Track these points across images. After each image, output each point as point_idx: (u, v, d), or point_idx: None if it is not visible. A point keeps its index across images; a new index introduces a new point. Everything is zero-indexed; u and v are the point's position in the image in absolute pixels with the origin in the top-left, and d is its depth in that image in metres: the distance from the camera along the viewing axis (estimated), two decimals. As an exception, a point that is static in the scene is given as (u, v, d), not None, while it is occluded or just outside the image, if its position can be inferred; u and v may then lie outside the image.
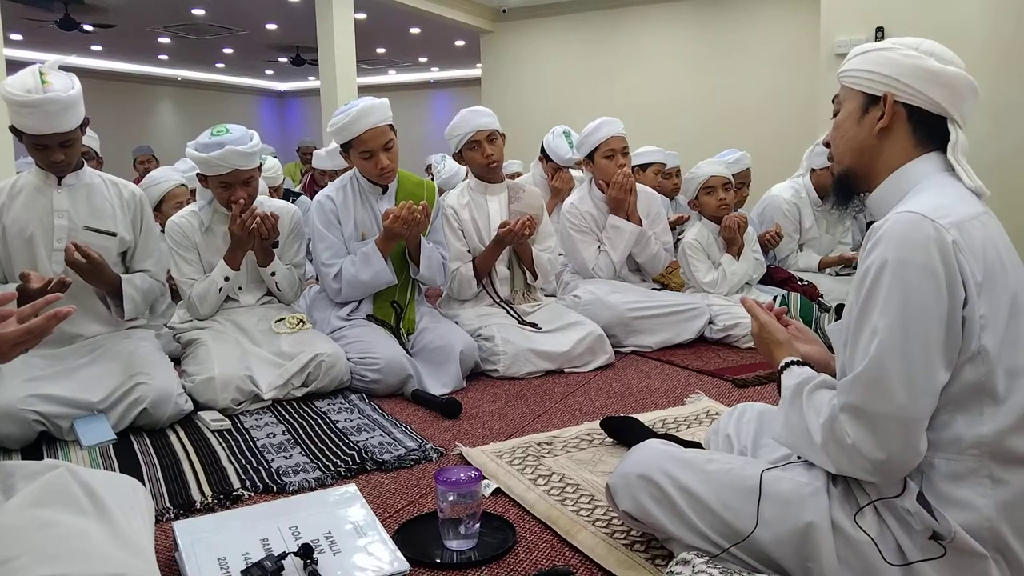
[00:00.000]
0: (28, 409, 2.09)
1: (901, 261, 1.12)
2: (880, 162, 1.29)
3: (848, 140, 1.33)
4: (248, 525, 1.51)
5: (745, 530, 1.26)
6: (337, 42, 7.11)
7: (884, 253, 1.13)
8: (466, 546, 1.51)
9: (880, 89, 1.27)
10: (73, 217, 2.39)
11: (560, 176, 4.12)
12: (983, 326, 1.12)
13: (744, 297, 1.54)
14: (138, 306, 2.49)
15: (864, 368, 1.13)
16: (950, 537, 1.10)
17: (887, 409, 1.11)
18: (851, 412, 1.14)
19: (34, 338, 1.32)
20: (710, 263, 3.47)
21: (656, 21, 8.23)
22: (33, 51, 11.47)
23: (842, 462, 1.17)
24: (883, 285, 1.13)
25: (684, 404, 2.50)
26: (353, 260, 2.80)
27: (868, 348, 1.13)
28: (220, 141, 2.57)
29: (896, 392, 1.11)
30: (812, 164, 3.90)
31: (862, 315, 1.16)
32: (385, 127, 2.77)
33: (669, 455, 1.40)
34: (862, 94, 1.30)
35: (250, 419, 2.36)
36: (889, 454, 1.12)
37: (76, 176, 2.42)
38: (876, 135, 1.28)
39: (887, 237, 1.14)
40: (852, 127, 1.32)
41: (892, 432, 1.11)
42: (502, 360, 2.82)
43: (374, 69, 14.80)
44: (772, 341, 1.42)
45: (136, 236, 2.53)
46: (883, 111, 1.27)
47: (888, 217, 1.16)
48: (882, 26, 5.25)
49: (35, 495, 1.18)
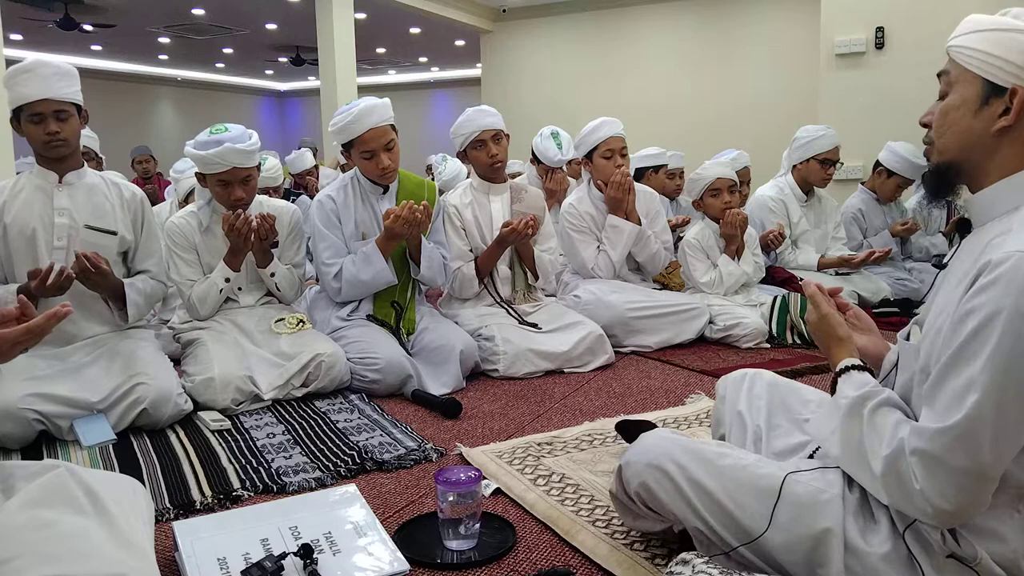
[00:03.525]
0: (28, 408, 2.09)
1: (1019, 314, 0.99)
2: (993, 162, 1.13)
3: (959, 132, 1.15)
4: (248, 525, 1.51)
5: (756, 530, 1.21)
6: (337, 42, 7.11)
7: (1001, 300, 1.00)
8: (466, 546, 1.51)
9: (1008, 80, 1.09)
10: (74, 215, 2.39)
11: (554, 177, 4.12)
12: None
13: (807, 282, 1.43)
14: (141, 309, 2.49)
15: (956, 423, 1.02)
16: (975, 562, 1.08)
17: (967, 465, 1.03)
18: (925, 458, 1.05)
19: (34, 337, 1.32)
20: (709, 263, 3.47)
21: (656, 21, 8.23)
22: (33, 51, 11.48)
23: (900, 500, 1.10)
24: (993, 335, 1.00)
25: (684, 404, 2.50)
26: (354, 260, 2.80)
27: (962, 401, 1.02)
28: (219, 139, 2.57)
29: (983, 453, 1.02)
30: (793, 160, 3.93)
31: (960, 359, 1.04)
32: (386, 127, 2.77)
33: (680, 444, 1.33)
34: (983, 80, 1.12)
35: (250, 419, 2.36)
36: (957, 507, 1.04)
37: (77, 175, 2.43)
38: (995, 132, 1.11)
39: (1008, 281, 1.00)
40: (966, 117, 1.14)
41: (966, 487, 1.04)
42: (502, 360, 2.82)
43: (374, 69, 14.80)
44: (833, 336, 1.32)
45: (137, 236, 2.53)
46: (1009, 106, 1.09)
47: (1010, 255, 1.01)
48: (882, 26, 5.26)
49: (35, 495, 1.18)
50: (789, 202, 3.92)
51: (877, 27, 5.28)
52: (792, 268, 3.87)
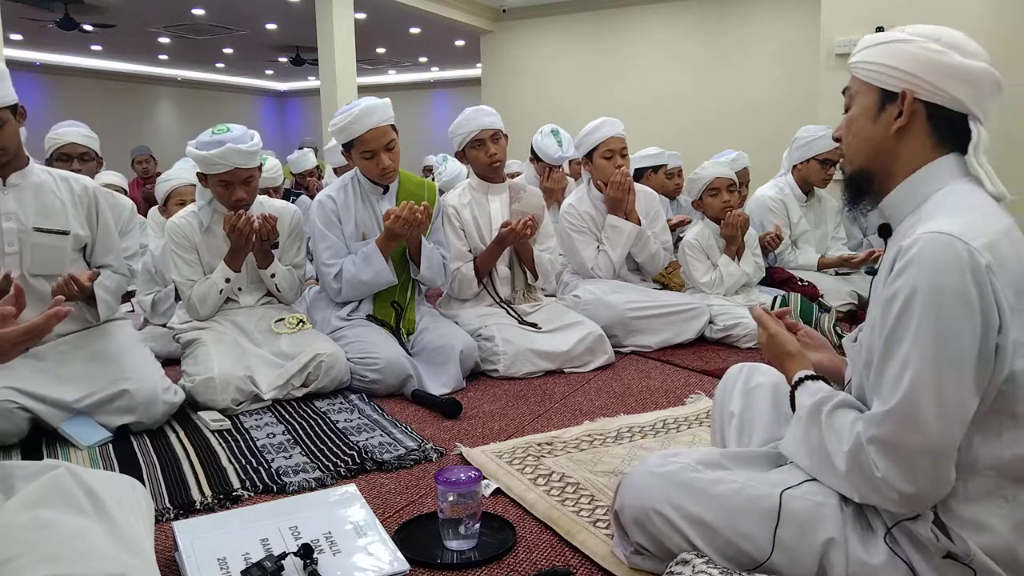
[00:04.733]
0: (7, 400, 2.07)
1: (934, 288, 1.05)
2: (897, 163, 1.22)
3: (862, 139, 1.25)
4: (248, 525, 1.51)
5: (761, 556, 1.20)
6: (337, 42, 7.11)
7: (915, 279, 1.07)
8: (466, 546, 1.51)
9: (898, 85, 1.19)
10: (22, 219, 2.26)
11: (553, 176, 4.12)
12: (1015, 350, 1.07)
13: (753, 307, 1.49)
14: (111, 307, 2.44)
15: (897, 403, 1.08)
16: (969, 558, 1.08)
17: (919, 444, 1.06)
18: (880, 445, 1.10)
19: (34, 337, 1.32)
20: (709, 263, 3.47)
21: (656, 21, 8.23)
22: (33, 51, 11.49)
23: (867, 492, 1.13)
24: (915, 313, 1.07)
25: (684, 404, 2.50)
26: (354, 260, 2.80)
27: (900, 380, 1.08)
28: (220, 139, 2.56)
29: (930, 426, 1.06)
30: (792, 161, 3.93)
31: (892, 343, 1.10)
32: (387, 127, 2.77)
33: (671, 481, 1.30)
34: (878, 89, 1.22)
35: (250, 419, 2.36)
36: (918, 488, 1.08)
37: (21, 175, 2.29)
38: (893, 135, 1.20)
39: (918, 261, 1.07)
40: (867, 125, 1.24)
41: (924, 466, 1.07)
42: (502, 360, 2.82)
43: (374, 69, 14.81)
44: (783, 353, 1.37)
45: (93, 232, 2.42)
46: (901, 109, 1.19)
47: (918, 237, 1.09)
48: (882, 26, 5.26)
49: (35, 495, 1.18)
50: (789, 202, 3.93)
51: (877, 27, 5.26)
52: (792, 268, 3.87)
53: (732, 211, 3.39)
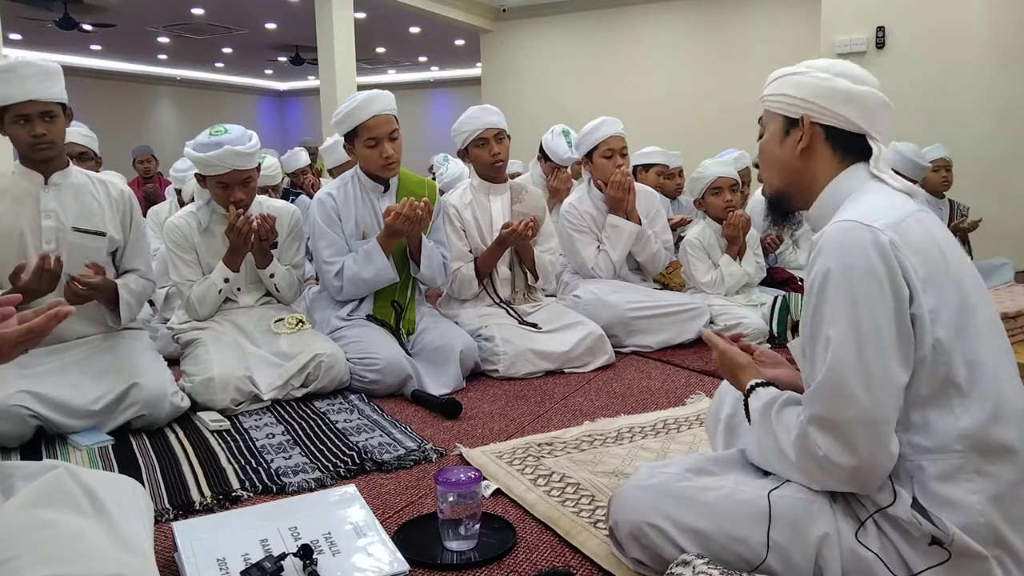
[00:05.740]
0: (19, 405, 2.07)
1: (843, 268, 1.15)
2: (809, 180, 1.34)
3: (774, 162, 1.39)
4: (247, 526, 1.50)
5: (757, 559, 1.23)
6: (337, 41, 7.11)
7: (825, 263, 1.17)
8: (466, 547, 1.51)
9: (797, 112, 1.33)
10: (61, 218, 2.33)
11: (558, 176, 4.11)
12: (934, 320, 1.14)
13: (703, 329, 1.55)
14: (133, 310, 2.46)
15: (823, 378, 1.15)
16: (949, 540, 1.10)
17: (851, 415, 1.13)
18: (818, 423, 1.16)
19: (35, 338, 1.31)
20: (710, 263, 3.47)
21: (656, 21, 8.22)
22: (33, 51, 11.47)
23: (818, 475, 1.19)
24: (829, 294, 1.16)
25: (684, 404, 2.50)
26: (355, 258, 2.79)
27: (824, 358, 1.15)
28: (218, 141, 2.56)
29: (858, 396, 1.12)
30: None
31: (814, 326, 1.18)
32: (391, 116, 2.77)
33: (661, 492, 1.34)
34: (782, 117, 1.36)
35: (249, 419, 2.36)
36: (860, 459, 1.13)
37: (63, 175, 2.36)
38: (799, 155, 1.34)
39: (826, 247, 1.18)
40: (776, 149, 1.38)
41: (860, 436, 1.13)
42: (502, 360, 2.82)
43: (374, 69, 14.80)
44: (735, 366, 1.43)
45: (126, 235, 2.47)
46: (802, 132, 1.32)
47: (826, 229, 1.20)
48: (883, 26, 5.25)
49: (34, 495, 1.18)
50: None
51: (878, 26, 5.27)
52: (793, 268, 3.87)
53: (734, 211, 3.38)
